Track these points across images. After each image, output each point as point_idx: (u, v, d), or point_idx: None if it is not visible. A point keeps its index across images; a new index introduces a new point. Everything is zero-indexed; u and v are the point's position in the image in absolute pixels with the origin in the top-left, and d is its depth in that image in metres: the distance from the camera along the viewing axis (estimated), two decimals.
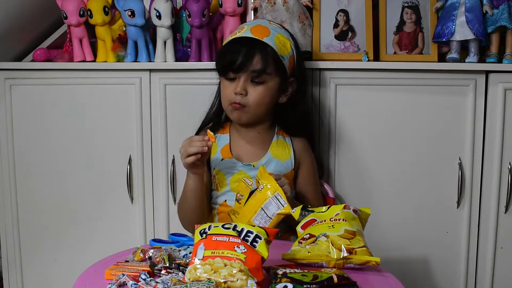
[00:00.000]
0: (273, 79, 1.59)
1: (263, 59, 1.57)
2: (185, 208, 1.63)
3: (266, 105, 1.61)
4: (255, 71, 1.56)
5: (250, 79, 1.57)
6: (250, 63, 1.56)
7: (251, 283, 1.07)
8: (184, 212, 1.64)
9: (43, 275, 2.03)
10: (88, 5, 1.89)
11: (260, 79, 1.57)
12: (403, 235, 1.88)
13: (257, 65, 1.56)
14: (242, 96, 1.57)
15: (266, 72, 1.57)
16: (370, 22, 1.90)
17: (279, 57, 1.59)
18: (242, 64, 1.56)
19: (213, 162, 1.66)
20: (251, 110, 1.59)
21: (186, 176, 1.61)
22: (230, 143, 1.66)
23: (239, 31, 1.63)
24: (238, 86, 1.57)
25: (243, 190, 1.51)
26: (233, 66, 1.56)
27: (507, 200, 1.84)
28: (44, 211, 2.00)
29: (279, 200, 1.42)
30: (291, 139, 1.69)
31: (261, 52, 1.57)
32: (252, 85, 1.58)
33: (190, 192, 1.59)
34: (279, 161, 1.65)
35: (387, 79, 1.82)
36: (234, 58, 1.56)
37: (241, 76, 1.57)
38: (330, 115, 1.85)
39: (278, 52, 1.59)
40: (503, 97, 1.80)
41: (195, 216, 1.60)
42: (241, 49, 1.57)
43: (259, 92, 1.58)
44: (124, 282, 1.12)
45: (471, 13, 1.80)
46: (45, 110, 1.96)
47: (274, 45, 1.58)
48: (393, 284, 1.21)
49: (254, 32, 1.60)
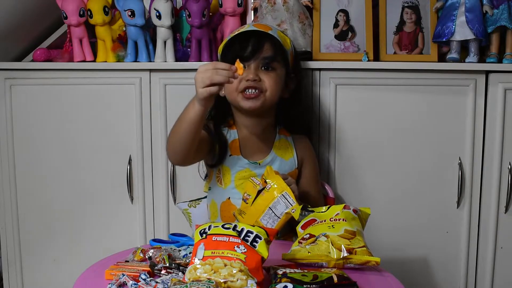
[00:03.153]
0: (281, 68, 1.61)
1: (273, 47, 1.59)
2: (175, 137, 1.48)
3: (277, 94, 1.61)
4: (266, 57, 1.58)
5: (260, 66, 1.58)
6: (261, 50, 1.57)
7: (251, 283, 1.07)
8: (173, 140, 1.49)
9: (43, 275, 2.03)
10: (88, 5, 1.89)
11: (271, 65, 1.59)
12: (403, 235, 1.88)
13: (268, 52, 1.58)
14: (255, 82, 1.56)
15: (276, 59, 1.59)
16: (370, 22, 1.90)
17: (284, 49, 1.62)
18: (255, 51, 1.57)
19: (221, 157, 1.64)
20: (267, 96, 1.58)
21: (189, 105, 1.44)
22: (239, 140, 1.66)
23: (242, 28, 1.65)
24: (250, 73, 1.56)
25: (250, 189, 1.49)
26: (244, 54, 1.56)
27: (507, 200, 1.84)
28: (44, 211, 2.00)
29: (287, 199, 1.41)
30: (292, 139, 1.70)
31: (269, 41, 1.59)
32: (263, 72, 1.58)
33: (187, 123, 1.43)
34: (283, 160, 1.65)
35: (387, 79, 1.82)
36: (244, 47, 1.57)
37: (251, 65, 1.57)
38: (330, 115, 1.85)
39: (282, 44, 1.62)
40: (503, 97, 1.80)
41: (183, 147, 1.47)
42: (249, 39, 1.58)
43: (272, 77, 1.58)
44: (124, 282, 1.12)
45: (471, 13, 1.80)
46: (45, 110, 1.96)
47: (278, 38, 1.62)
48: (393, 284, 1.21)
49: (257, 26, 1.64)
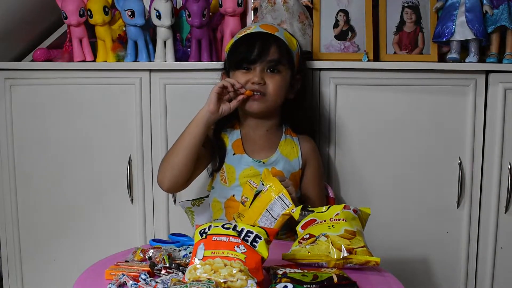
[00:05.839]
0: (286, 70, 1.62)
1: (279, 50, 1.60)
2: (173, 156, 1.58)
3: (281, 97, 1.63)
4: (272, 60, 1.59)
5: (266, 69, 1.59)
6: (267, 53, 1.58)
7: (251, 283, 1.07)
8: (171, 159, 1.59)
9: (43, 275, 2.03)
10: (88, 5, 1.89)
11: (277, 68, 1.60)
12: (403, 235, 1.88)
13: (274, 55, 1.59)
14: (260, 85, 1.58)
15: (282, 62, 1.60)
16: (370, 22, 1.90)
17: (290, 50, 1.63)
18: (261, 54, 1.58)
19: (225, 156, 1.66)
20: (270, 99, 1.60)
21: (192, 123, 1.57)
22: (241, 139, 1.67)
23: (248, 29, 1.65)
24: (255, 76, 1.58)
25: (248, 192, 1.50)
26: (251, 57, 1.58)
27: (507, 200, 1.84)
28: (44, 211, 2.00)
29: (283, 200, 1.42)
30: (298, 140, 1.70)
31: (276, 43, 1.60)
32: (268, 75, 1.60)
33: (188, 138, 1.55)
34: (287, 160, 1.66)
35: (387, 79, 1.82)
36: (250, 49, 1.58)
37: (256, 67, 1.59)
38: (330, 115, 1.85)
39: (289, 46, 1.63)
40: (503, 97, 1.80)
41: (180, 167, 1.56)
42: (255, 42, 1.59)
43: (277, 80, 1.60)
44: (124, 282, 1.12)
45: (471, 13, 1.80)
46: (45, 110, 1.96)
47: (285, 39, 1.63)
48: (393, 284, 1.21)
49: (264, 27, 1.64)
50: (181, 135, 1.59)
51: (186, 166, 1.57)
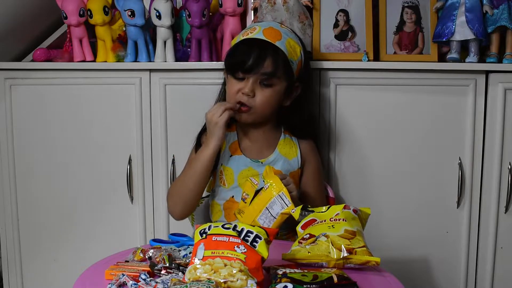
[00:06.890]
0: (281, 83, 1.59)
1: (274, 63, 1.56)
2: (183, 188, 1.61)
3: (271, 108, 1.61)
4: (265, 73, 1.56)
5: (259, 81, 1.57)
6: (261, 66, 1.55)
7: (251, 283, 1.07)
8: (184, 185, 1.61)
9: (43, 275, 2.03)
10: (88, 5, 1.89)
11: (269, 82, 1.57)
12: (403, 235, 1.88)
13: (268, 68, 1.56)
14: (249, 97, 1.57)
15: (276, 75, 1.57)
16: (370, 22, 1.90)
17: (289, 62, 1.59)
18: (254, 66, 1.55)
19: (222, 159, 1.65)
20: (257, 111, 1.59)
21: (199, 150, 1.59)
22: (238, 140, 1.66)
23: (251, 32, 1.61)
24: (246, 87, 1.56)
25: (248, 189, 1.51)
26: (244, 67, 1.55)
27: (507, 200, 1.84)
28: (44, 211, 2.00)
29: (283, 199, 1.42)
30: (297, 139, 1.70)
31: (273, 55, 1.56)
32: (260, 87, 1.57)
33: (201, 163, 1.57)
34: (286, 159, 1.66)
35: (387, 79, 1.82)
36: (245, 59, 1.55)
37: (250, 77, 1.56)
38: (330, 115, 1.85)
39: (288, 56, 1.59)
40: (503, 97, 1.80)
41: (191, 200, 1.61)
42: (252, 51, 1.56)
43: (266, 94, 1.58)
44: (124, 282, 1.12)
45: (471, 13, 1.79)
46: (45, 110, 1.96)
47: (285, 50, 1.58)
48: (393, 284, 1.21)
49: (266, 34, 1.59)
50: (190, 167, 1.61)
51: (198, 195, 1.62)
